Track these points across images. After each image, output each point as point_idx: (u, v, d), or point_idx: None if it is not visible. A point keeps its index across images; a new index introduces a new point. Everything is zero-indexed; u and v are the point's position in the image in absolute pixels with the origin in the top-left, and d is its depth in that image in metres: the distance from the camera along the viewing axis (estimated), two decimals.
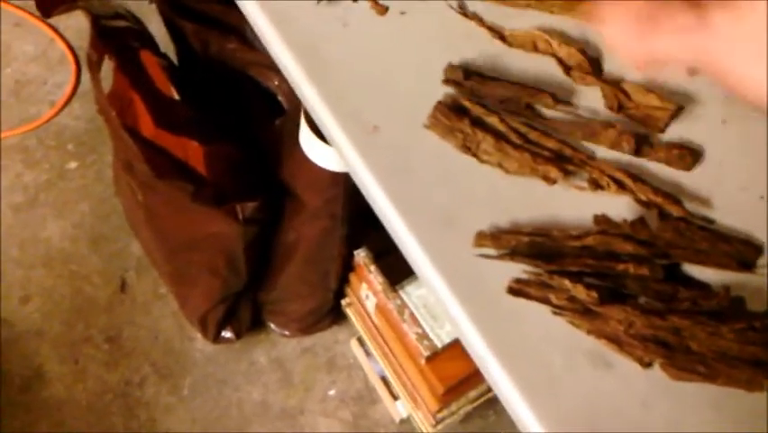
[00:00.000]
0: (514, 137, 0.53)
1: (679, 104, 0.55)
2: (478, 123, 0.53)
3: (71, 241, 1.46)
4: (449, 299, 0.50)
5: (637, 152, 0.53)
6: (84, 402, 1.34)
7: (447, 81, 0.55)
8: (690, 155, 0.53)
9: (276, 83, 1.08)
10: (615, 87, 0.54)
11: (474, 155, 0.53)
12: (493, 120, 0.53)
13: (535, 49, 0.57)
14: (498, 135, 0.53)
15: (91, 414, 1.33)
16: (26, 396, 1.33)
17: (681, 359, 0.47)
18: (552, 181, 0.52)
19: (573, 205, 0.52)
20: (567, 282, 0.47)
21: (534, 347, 0.49)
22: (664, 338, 0.47)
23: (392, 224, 0.53)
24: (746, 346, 0.46)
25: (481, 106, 0.54)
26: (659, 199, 0.51)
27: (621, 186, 0.52)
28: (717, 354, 0.46)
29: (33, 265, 1.43)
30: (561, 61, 0.56)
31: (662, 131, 0.54)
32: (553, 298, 0.48)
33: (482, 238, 0.50)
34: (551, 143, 0.53)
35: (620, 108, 0.54)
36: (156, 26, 1.15)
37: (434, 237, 0.51)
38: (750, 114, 0.56)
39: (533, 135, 0.53)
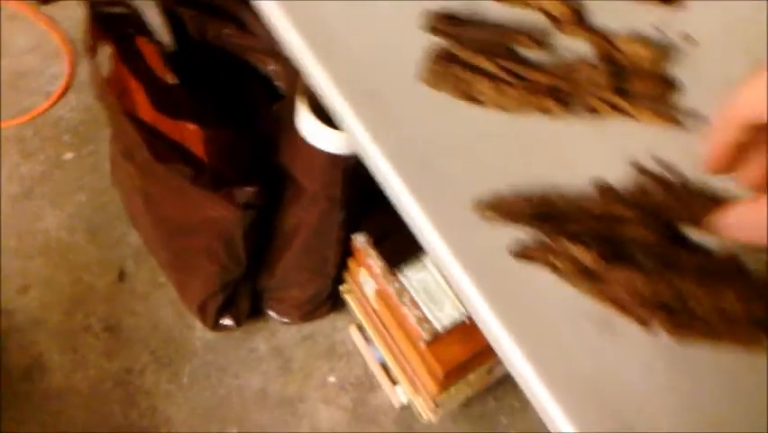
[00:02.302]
0: (507, 76, 0.53)
1: (665, 53, 0.56)
2: (470, 67, 0.54)
3: (69, 231, 1.46)
4: (453, 265, 0.50)
5: (616, 88, 0.54)
6: (84, 391, 1.34)
7: (428, 28, 0.56)
8: (667, 87, 0.55)
9: (273, 68, 1.08)
10: (603, 38, 0.55)
11: (471, 98, 0.53)
12: (484, 62, 0.54)
13: (525, 3, 0.58)
14: (491, 76, 0.53)
15: (91, 403, 1.33)
16: (26, 385, 1.33)
17: (684, 319, 0.47)
18: (550, 113, 0.53)
19: (574, 166, 0.53)
20: (570, 244, 0.47)
21: (537, 313, 0.49)
22: (668, 301, 0.47)
23: (398, 195, 0.53)
24: (749, 306, 0.46)
25: (470, 51, 0.54)
26: (655, 118, 0.52)
27: (616, 108, 0.53)
28: (720, 315, 0.47)
29: (31, 255, 1.43)
30: (548, 14, 0.57)
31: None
32: (555, 260, 0.48)
33: (482, 206, 0.51)
34: (543, 78, 0.53)
35: (609, 58, 0.55)
36: (155, 13, 1.14)
37: (437, 205, 0.51)
38: None
39: (524, 72, 0.54)
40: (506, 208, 0.50)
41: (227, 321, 1.35)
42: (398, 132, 0.54)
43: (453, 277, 0.51)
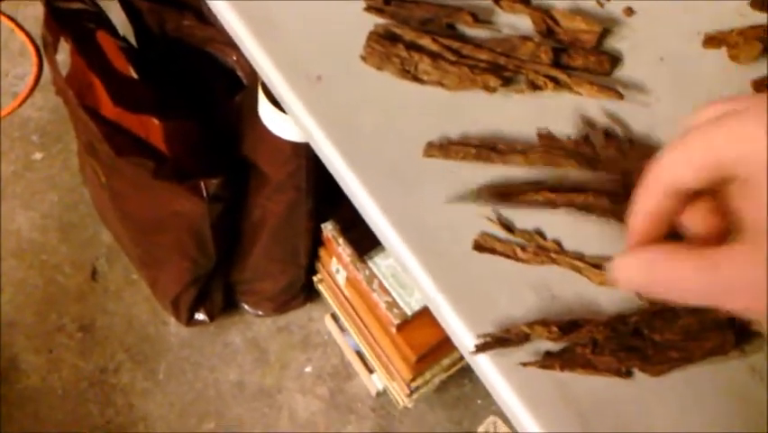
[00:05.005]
0: (449, 54, 0.54)
1: (604, 26, 0.57)
2: (412, 46, 0.54)
3: (40, 231, 1.46)
4: (398, 243, 0.50)
5: (556, 63, 0.54)
6: (60, 391, 1.34)
7: (368, 8, 0.56)
8: (607, 60, 0.55)
9: (234, 59, 1.08)
10: (543, 13, 0.55)
11: (414, 78, 0.54)
12: (426, 41, 0.54)
13: None
14: (433, 55, 0.54)
15: (67, 403, 1.33)
16: (1, 388, 1.33)
17: (654, 355, 0.47)
18: (492, 90, 0.53)
19: (519, 122, 0.54)
20: (524, 327, 0.47)
21: (480, 285, 0.49)
22: (631, 343, 0.47)
23: (342, 175, 0.53)
24: (704, 315, 0.46)
25: (412, 30, 0.55)
26: (596, 91, 0.53)
27: (557, 83, 0.53)
28: (683, 334, 0.47)
29: (3, 257, 1.43)
30: None
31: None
32: (519, 252, 0.49)
33: (431, 149, 0.51)
34: (484, 55, 0.54)
35: (549, 33, 0.55)
36: (117, 9, 1.14)
37: (381, 183, 0.52)
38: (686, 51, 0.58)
39: (466, 50, 0.54)
40: (452, 153, 0.51)
41: (201, 316, 1.35)
42: (342, 114, 0.54)
43: (398, 254, 0.51)
